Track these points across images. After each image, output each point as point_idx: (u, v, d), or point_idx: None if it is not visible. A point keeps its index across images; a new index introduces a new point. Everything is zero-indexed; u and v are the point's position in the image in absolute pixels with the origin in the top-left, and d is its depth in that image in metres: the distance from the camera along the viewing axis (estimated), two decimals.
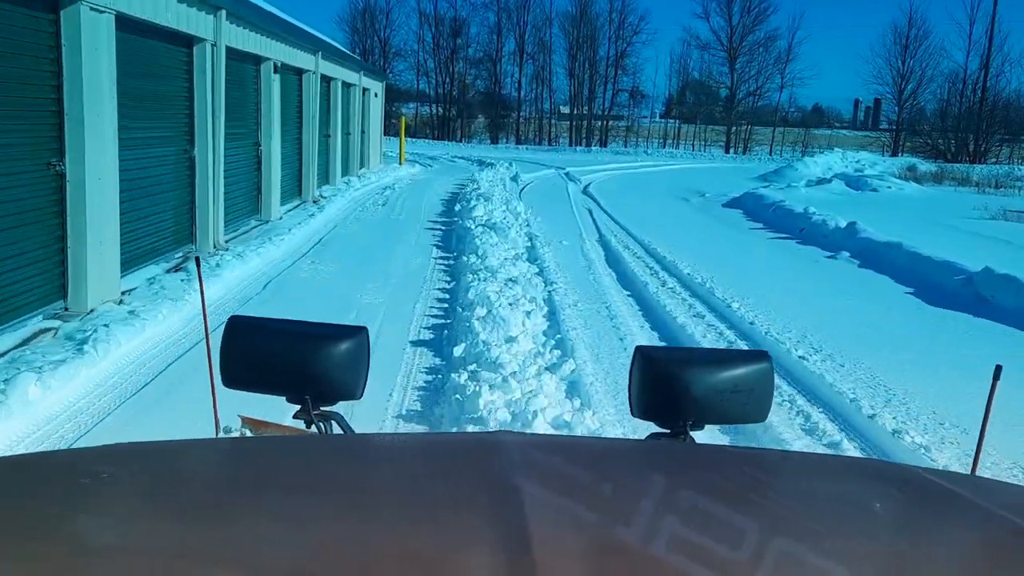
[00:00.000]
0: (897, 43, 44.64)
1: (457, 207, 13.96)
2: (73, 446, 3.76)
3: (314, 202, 13.66)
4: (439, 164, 27.93)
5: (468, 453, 1.09)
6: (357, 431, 1.50)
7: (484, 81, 51.28)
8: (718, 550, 0.75)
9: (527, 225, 12.43)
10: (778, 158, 41.77)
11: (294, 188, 13.82)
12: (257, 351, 1.42)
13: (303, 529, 0.79)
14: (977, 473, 1.33)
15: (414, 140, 47.41)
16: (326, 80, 15.82)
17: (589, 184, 22.46)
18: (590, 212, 15.93)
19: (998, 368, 1.39)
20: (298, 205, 13.34)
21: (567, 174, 25.63)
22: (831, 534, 0.85)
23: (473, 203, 13.13)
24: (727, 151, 46.27)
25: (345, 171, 18.51)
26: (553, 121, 50.52)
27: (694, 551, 0.74)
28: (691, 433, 1.39)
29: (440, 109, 51.45)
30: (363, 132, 20.98)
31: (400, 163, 24.44)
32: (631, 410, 1.47)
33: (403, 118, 23.66)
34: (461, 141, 49.05)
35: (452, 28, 49.54)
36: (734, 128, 45.56)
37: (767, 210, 15.98)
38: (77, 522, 0.81)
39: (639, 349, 1.46)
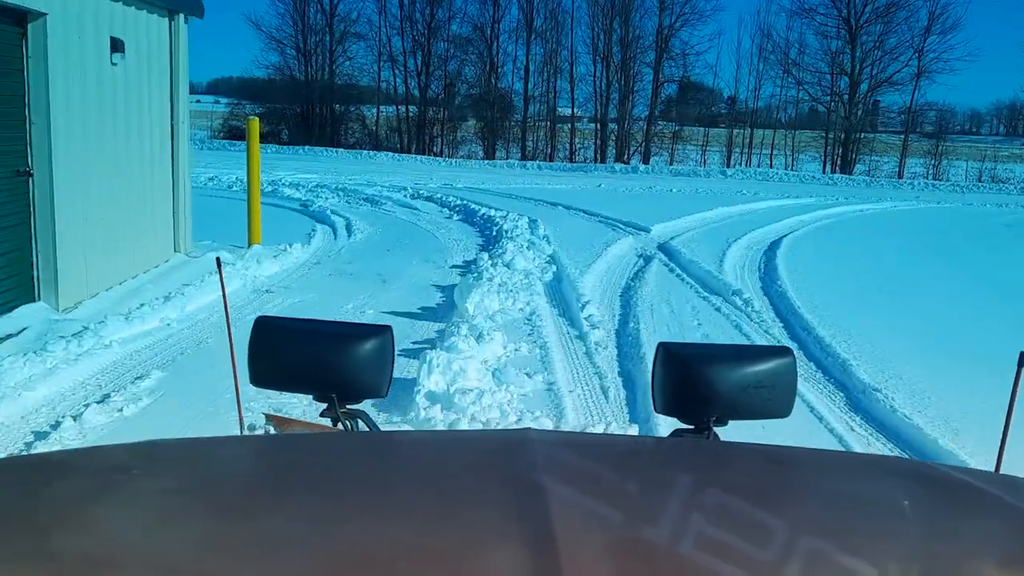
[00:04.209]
0: None
1: None
2: None
3: None
4: (373, 226, 12.61)
5: (493, 451, 1.08)
6: (383, 428, 1.61)
7: (474, 68, 36.32)
8: (744, 548, 0.73)
9: None
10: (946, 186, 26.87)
11: None
12: (284, 351, 1.42)
13: (329, 525, 0.79)
14: (1001, 471, 1.28)
15: (374, 155, 32.47)
16: None
17: (809, 335, 7.45)
18: None
19: (1023, 355, 1.34)
20: None
21: (668, 252, 10.74)
22: (858, 532, 0.83)
23: None
24: (827, 168, 31.45)
25: None
26: (576, 126, 35.56)
27: (720, 549, 0.73)
28: (715, 429, 1.37)
29: (413, 109, 36.49)
30: (20, 174, 5.86)
31: (251, 243, 9.32)
32: (654, 406, 1.45)
33: (254, 121, 8.43)
34: (442, 156, 34.08)
35: None
36: (845, 135, 30.29)
37: None
38: (108, 517, 0.81)
39: (662, 345, 1.44)
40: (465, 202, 15.18)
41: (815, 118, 33.31)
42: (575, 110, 35.54)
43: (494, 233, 11.70)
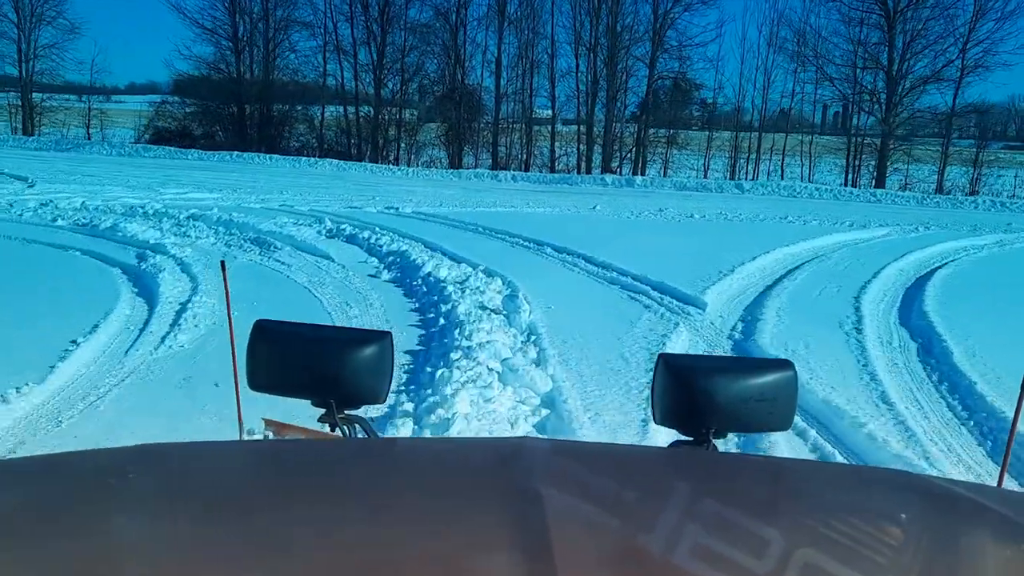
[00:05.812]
0: None
1: None
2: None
3: None
4: (231, 303, 7.47)
5: (491, 458, 1.08)
6: (381, 434, 1.56)
7: (437, 61, 31.10)
8: (740, 559, 0.73)
9: None
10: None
11: None
12: (283, 355, 1.41)
13: (326, 531, 0.79)
14: (1004, 485, 1.29)
15: (316, 162, 27.12)
16: None
17: None
18: None
19: None
20: None
21: None
22: (855, 545, 0.81)
23: None
24: (849, 180, 26.73)
25: None
26: (556, 129, 30.45)
27: (715, 560, 0.73)
28: (714, 441, 1.36)
29: (367, 109, 31.21)
30: None
31: None
32: (653, 417, 1.44)
33: None
34: (399, 164, 28.84)
35: None
36: (881, 142, 25.45)
37: None
38: (104, 521, 0.81)
39: (662, 356, 1.43)
40: (407, 245, 10.00)
41: (837, 120, 28.51)
42: (556, 110, 30.44)
43: (441, 323, 6.52)
